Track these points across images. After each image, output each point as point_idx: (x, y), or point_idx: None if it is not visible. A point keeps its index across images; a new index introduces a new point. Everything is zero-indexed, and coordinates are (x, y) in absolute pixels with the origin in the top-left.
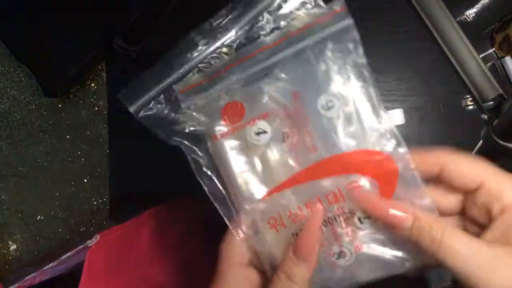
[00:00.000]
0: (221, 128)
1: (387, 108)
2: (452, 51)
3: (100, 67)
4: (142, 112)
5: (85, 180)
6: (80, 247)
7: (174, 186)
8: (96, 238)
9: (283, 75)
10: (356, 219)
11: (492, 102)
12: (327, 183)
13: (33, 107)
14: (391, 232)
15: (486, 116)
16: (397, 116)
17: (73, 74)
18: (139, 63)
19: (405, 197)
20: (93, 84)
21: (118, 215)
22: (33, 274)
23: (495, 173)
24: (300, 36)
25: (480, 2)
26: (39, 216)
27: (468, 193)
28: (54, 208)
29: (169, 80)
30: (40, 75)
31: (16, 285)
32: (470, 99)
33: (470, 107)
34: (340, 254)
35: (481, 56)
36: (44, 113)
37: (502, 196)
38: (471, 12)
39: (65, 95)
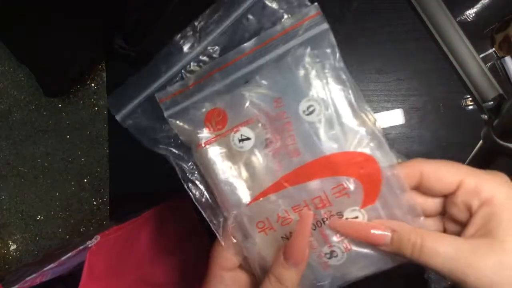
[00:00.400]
0: (205, 135)
1: (387, 108)
2: (452, 51)
3: (100, 67)
4: (128, 120)
5: (85, 180)
6: (81, 247)
7: (174, 186)
8: (97, 238)
9: (263, 81)
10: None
11: (492, 102)
12: (312, 186)
13: (33, 107)
14: None
15: (486, 116)
16: (397, 116)
17: (73, 74)
18: (139, 63)
19: (390, 198)
20: (93, 84)
21: (118, 215)
22: (34, 275)
23: (472, 172)
24: (278, 41)
25: (480, 2)
26: (39, 216)
27: (448, 195)
28: (54, 208)
29: (155, 86)
30: (40, 75)
31: (17, 286)
32: (470, 99)
33: (470, 107)
34: (332, 254)
35: (481, 56)
36: (44, 113)
37: (480, 192)
38: (471, 12)
39: (65, 95)
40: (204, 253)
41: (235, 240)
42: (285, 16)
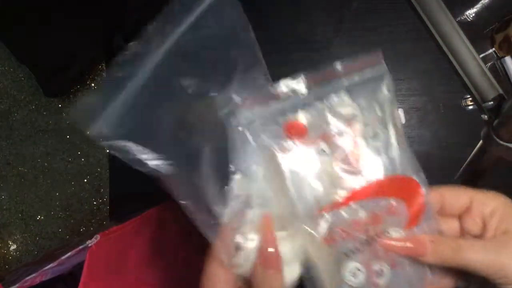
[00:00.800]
0: (285, 145)
1: None
2: (452, 51)
3: (100, 67)
4: (100, 135)
5: (85, 180)
6: (80, 247)
7: None
8: (96, 238)
9: (344, 100)
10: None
11: (492, 102)
12: (369, 204)
13: (33, 107)
14: None
15: (486, 116)
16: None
17: (73, 74)
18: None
19: (427, 222)
20: (93, 84)
21: (118, 215)
22: (34, 275)
23: (476, 191)
24: (353, 73)
25: (480, 2)
26: (39, 216)
27: (463, 213)
28: (54, 208)
29: (121, 97)
30: (40, 75)
31: (17, 285)
32: (470, 99)
33: (470, 107)
34: (380, 272)
35: (481, 56)
36: (44, 113)
37: (489, 203)
38: (471, 12)
39: (65, 95)
40: (204, 253)
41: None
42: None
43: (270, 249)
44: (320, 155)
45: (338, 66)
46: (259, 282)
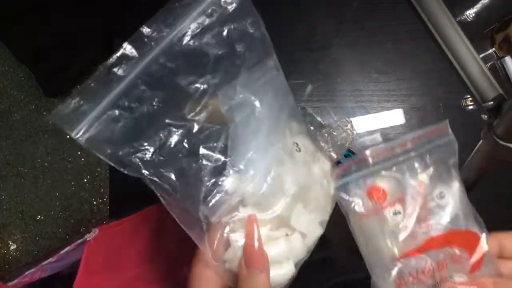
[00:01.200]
0: (369, 207)
1: (387, 108)
2: (452, 51)
3: (100, 67)
4: (85, 135)
5: (85, 180)
6: (79, 241)
7: None
8: (95, 232)
9: (421, 166)
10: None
11: (492, 102)
12: (437, 253)
13: (33, 107)
14: None
15: (486, 116)
16: (397, 116)
17: (73, 74)
18: None
19: (489, 265)
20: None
21: (118, 215)
22: (32, 270)
23: None
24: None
25: (480, 2)
26: (39, 216)
27: None
28: (54, 208)
29: (110, 98)
30: (40, 75)
31: (16, 281)
32: (470, 99)
33: (470, 107)
34: None
35: (481, 56)
36: (44, 113)
37: None
38: (471, 12)
39: (65, 95)
40: (191, 256)
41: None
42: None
43: (255, 248)
44: (395, 215)
45: (408, 137)
46: (242, 281)
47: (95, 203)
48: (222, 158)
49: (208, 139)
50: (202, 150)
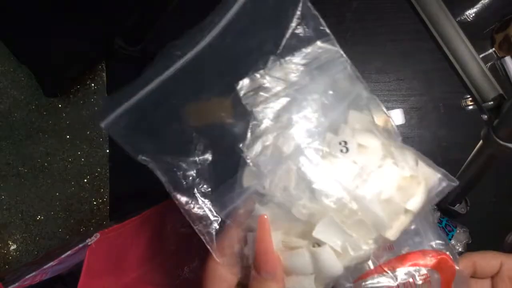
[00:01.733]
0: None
1: (387, 108)
2: (452, 51)
3: (100, 67)
4: (112, 127)
5: (85, 180)
6: (80, 245)
7: None
8: (96, 236)
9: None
10: None
11: (492, 102)
12: (404, 272)
13: (33, 107)
14: None
15: (486, 116)
16: (397, 116)
17: (73, 74)
18: (139, 63)
19: (460, 284)
20: (93, 84)
21: (118, 215)
22: (33, 273)
23: (506, 255)
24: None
25: (480, 2)
26: (39, 216)
27: (494, 275)
28: (54, 208)
29: (142, 94)
30: (40, 75)
31: (16, 284)
32: (470, 99)
33: (470, 107)
34: None
35: (481, 56)
36: (44, 113)
37: None
38: (471, 12)
39: (65, 95)
40: (205, 252)
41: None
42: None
43: (269, 254)
44: None
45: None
46: (252, 283)
47: (95, 203)
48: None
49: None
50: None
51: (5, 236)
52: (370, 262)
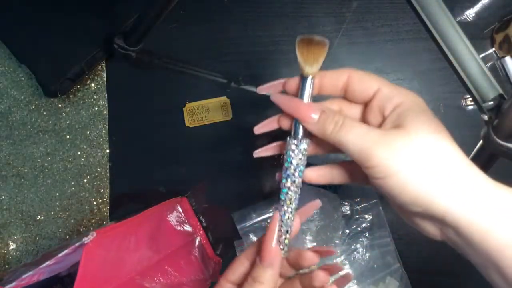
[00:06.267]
0: None
1: None
2: (452, 51)
3: (100, 67)
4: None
5: (85, 180)
6: (77, 244)
7: (173, 187)
8: (93, 235)
9: None
10: None
11: (492, 102)
12: None
13: (33, 107)
14: None
15: (486, 116)
16: None
17: (73, 74)
18: (139, 63)
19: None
20: (93, 84)
21: (118, 215)
22: (31, 273)
23: (388, 83)
24: None
25: (480, 2)
26: (39, 216)
27: (367, 102)
28: (54, 208)
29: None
30: (40, 75)
31: (14, 283)
32: (470, 99)
33: (470, 107)
34: None
35: (481, 56)
36: (44, 113)
37: (392, 98)
38: (471, 12)
39: (65, 95)
40: (204, 253)
41: None
42: None
43: (273, 247)
44: None
45: None
46: (256, 276)
47: (95, 203)
48: None
49: None
50: None
51: (5, 236)
52: None
